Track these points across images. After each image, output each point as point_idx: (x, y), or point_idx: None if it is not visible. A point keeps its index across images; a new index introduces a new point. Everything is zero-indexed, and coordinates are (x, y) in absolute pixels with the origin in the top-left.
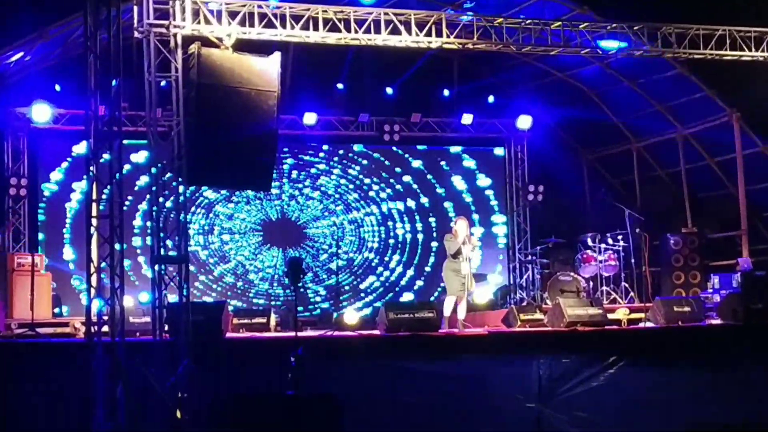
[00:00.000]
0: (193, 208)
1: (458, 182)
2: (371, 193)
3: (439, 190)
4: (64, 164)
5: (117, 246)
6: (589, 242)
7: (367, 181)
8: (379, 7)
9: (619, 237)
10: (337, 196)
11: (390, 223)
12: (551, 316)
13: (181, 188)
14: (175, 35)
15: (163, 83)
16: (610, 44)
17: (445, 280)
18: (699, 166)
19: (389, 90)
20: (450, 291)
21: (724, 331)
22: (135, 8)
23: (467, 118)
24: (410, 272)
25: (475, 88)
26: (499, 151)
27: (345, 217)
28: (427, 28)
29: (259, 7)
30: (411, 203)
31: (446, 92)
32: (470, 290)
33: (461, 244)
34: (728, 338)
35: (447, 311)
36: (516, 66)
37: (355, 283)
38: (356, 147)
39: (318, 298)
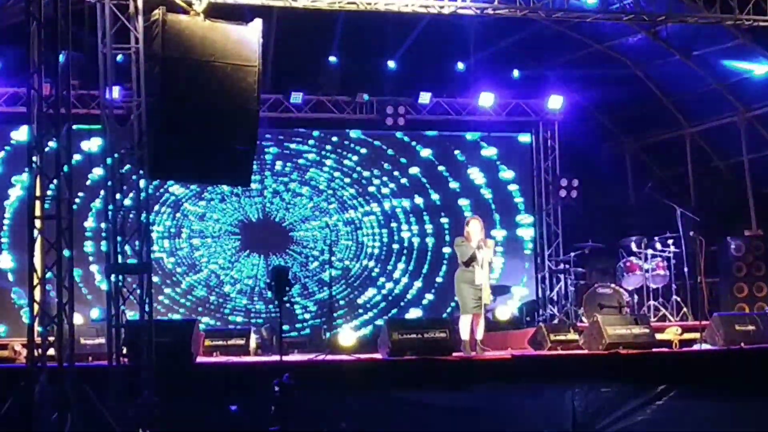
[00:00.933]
0: (156, 207)
1: (476, 175)
2: (371, 189)
3: (453, 185)
4: (1, 154)
5: (66, 252)
6: (634, 247)
7: (366, 174)
8: None
9: (670, 241)
10: (330, 192)
11: (394, 225)
12: (588, 337)
13: (142, 183)
14: None
15: (120, 57)
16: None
17: (457, 293)
18: (765, 155)
19: (391, 64)
20: (464, 308)
21: None
22: None
23: (487, 99)
24: (418, 284)
25: (496, 61)
26: (525, 137)
27: (340, 218)
28: None
29: None
30: (419, 201)
31: (460, 66)
32: (487, 304)
33: (475, 248)
34: None
35: (464, 333)
36: (545, 36)
37: (351, 296)
38: (353, 133)
39: (307, 315)
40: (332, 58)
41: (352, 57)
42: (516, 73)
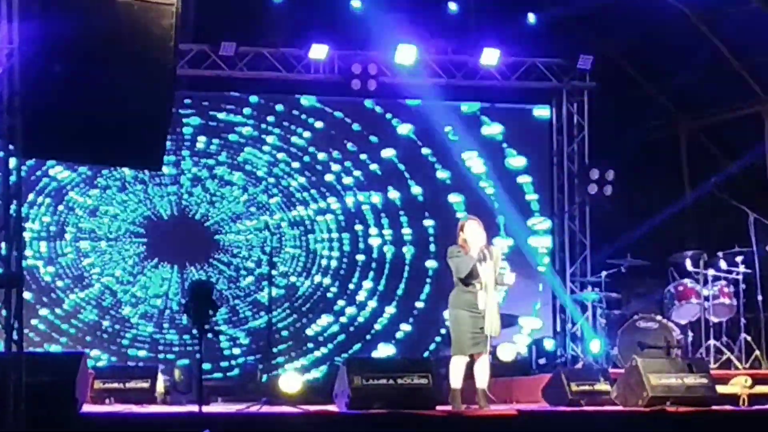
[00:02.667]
0: (32, 196)
1: (474, 162)
2: (328, 178)
3: (442, 175)
4: None
5: None
6: (689, 266)
7: (322, 156)
8: None
9: (739, 258)
10: (271, 180)
11: (359, 228)
12: (624, 388)
13: (12, 162)
14: None
15: None
16: None
17: (451, 323)
18: None
19: (356, 2)
20: (458, 345)
21: None
22: None
23: (491, 56)
24: (390, 309)
25: (504, 2)
26: (542, 111)
27: (284, 217)
28: None
29: None
30: (394, 195)
31: (453, 6)
32: (494, 336)
33: (477, 260)
34: None
35: (455, 380)
36: None
37: (298, 325)
38: (305, 99)
39: (237, 350)
40: None
41: None
42: (531, 17)
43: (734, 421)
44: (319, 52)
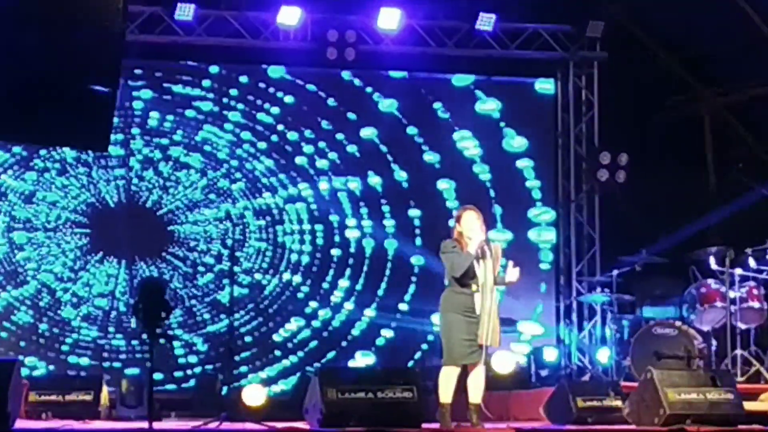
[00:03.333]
0: None
1: (466, 143)
2: (300, 160)
3: (430, 158)
4: None
5: None
6: (713, 264)
7: (292, 136)
8: None
9: None
10: (234, 163)
11: (334, 218)
12: (638, 404)
13: None
14: None
15: None
16: None
17: (442, 328)
18: None
19: None
20: (450, 354)
21: None
22: None
23: (486, 20)
24: (370, 312)
25: None
26: (544, 85)
27: (248, 205)
28: None
29: None
30: (374, 181)
31: None
32: (494, 346)
33: (474, 257)
34: None
35: (445, 393)
36: None
37: (264, 330)
38: (273, 70)
39: (193, 359)
40: None
41: None
42: None
43: None
44: (289, 16)
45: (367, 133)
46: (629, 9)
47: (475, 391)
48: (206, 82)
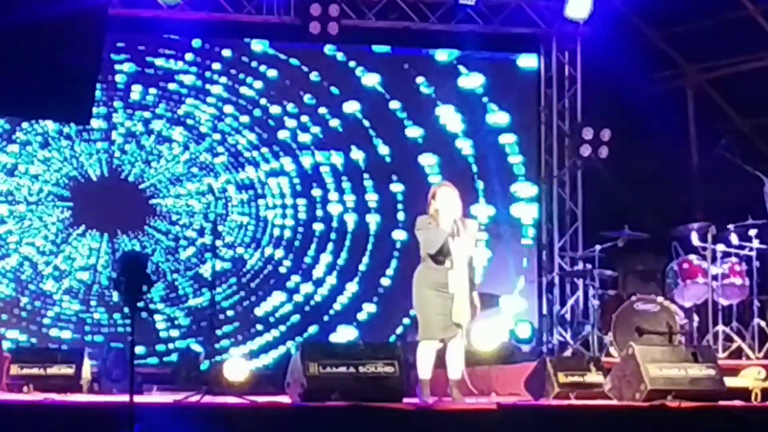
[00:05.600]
0: None
1: (449, 118)
2: (283, 135)
3: (413, 133)
4: None
5: None
6: (695, 240)
7: (275, 110)
8: None
9: (752, 232)
10: (217, 137)
11: (316, 193)
12: (618, 380)
13: None
14: None
15: None
16: None
17: (416, 304)
18: None
19: None
20: (426, 329)
21: None
22: None
23: None
24: (352, 287)
25: None
26: (528, 60)
27: (231, 178)
28: None
29: None
30: (357, 156)
31: None
32: (466, 323)
33: (449, 233)
34: None
35: (424, 369)
36: None
37: (246, 304)
38: (257, 44)
39: (175, 332)
40: None
41: None
42: None
43: (745, 418)
44: None
45: (350, 107)
46: None
47: (454, 367)
48: (189, 56)
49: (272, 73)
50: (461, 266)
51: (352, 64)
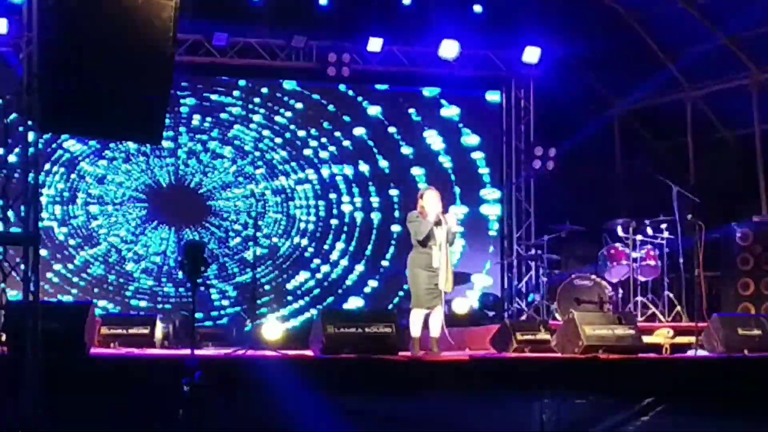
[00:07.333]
0: (47, 166)
1: (433, 139)
2: (307, 152)
3: (406, 151)
4: None
5: None
6: (620, 232)
7: (301, 133)
8: None
9: (663, 226)
10: (257, 154)
11: (333, 196)
12: (562, 338)
13: (31, 136)
14: None
15: None
16: None
17: (409, 280)
18: None
19: (323, 1)
20: (417, 300)
21: None
22: None
23: (449, 48)
24: (360, 268)
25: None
26: (493, 96)
27: (268, 186)
28: None
29: None
30: (364, 168)
31: (406, 1)
32: (447, 292)
33: (433, 224)
34: None
35: (415, 329)
36: None
37: (279, 281)
38: (287, 84)
39: (225, 302)
40: None
41: None
42: (478, 8)
43: (657, 367)
44: (299, 42)
45: (358, 131)
46: (559, 41)
47: (436, 327)
48: (236, 92)
49: (299, 105)
50: (443, 247)
51: (359, 98)
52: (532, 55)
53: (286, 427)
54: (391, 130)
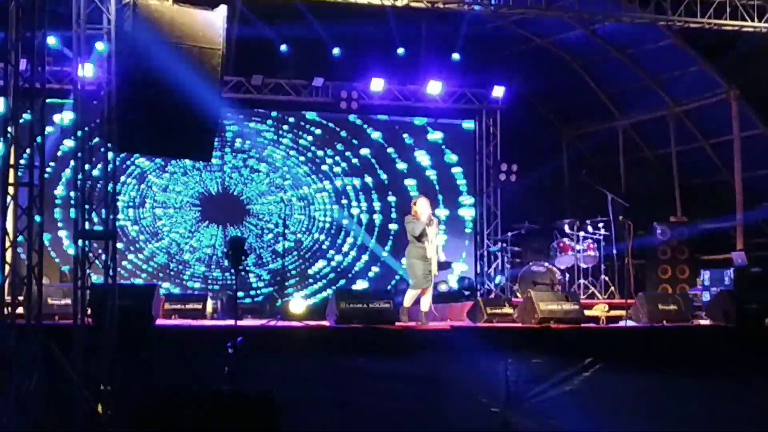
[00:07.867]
0: (123, 178)
1: (422, 157)
2: (324, 167)
3: (401, 166)
4: None
5: (36, 218)
6: (567, 229)
7: (319, 153)
8: None
9: (600, 225)
10: (285, 169)
11: (344, 201)
12: (522, 311)
13: (110, 155)
14: None
15: (100, 45)
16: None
17: (408, 269)
18: (692, 148)
19: (336, 51)
20: (415, 282)
21: (713, 334)
22: None
23: (435, 87)
24: (365, 257)
25: (444, 53)
26: (469, 124)
27: (294, 193)
28: None
29: None
30: (368, 180)
31: (400, 51)
32: (436, 275)
33: (425, 224)
34: (718, 341)
35: (407, 303)
36: (491, 30)
37: (302, 267)
38: (309, 115)
39: (261, 284)
40: (283, 47)
41: (309, 44)
42: (456, 56)
43: (596, 335)
44: (318, 82)
45: (364, 151)
46: (520, 81)
47: (425, 304)
48: (269, 121)
49: (318, 131)
50: (432, 242)
51: (365, 126)
52: (498, 92)
53: (308, 381)
54: (389, 150)
